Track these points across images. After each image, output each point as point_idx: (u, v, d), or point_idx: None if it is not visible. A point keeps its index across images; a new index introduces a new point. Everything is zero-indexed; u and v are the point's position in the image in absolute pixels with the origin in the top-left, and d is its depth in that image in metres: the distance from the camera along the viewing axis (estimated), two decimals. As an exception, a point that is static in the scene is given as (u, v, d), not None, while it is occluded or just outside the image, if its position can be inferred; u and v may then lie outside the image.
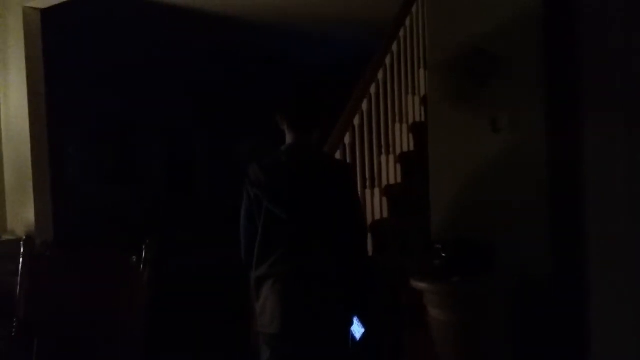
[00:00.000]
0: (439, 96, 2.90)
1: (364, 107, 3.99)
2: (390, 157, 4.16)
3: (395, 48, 4.23)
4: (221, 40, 6.53)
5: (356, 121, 3.92)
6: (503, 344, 2.48)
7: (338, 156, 3.75)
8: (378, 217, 3.95)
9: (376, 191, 4.00)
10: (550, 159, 2.61)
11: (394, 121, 4.25)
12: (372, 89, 4.07)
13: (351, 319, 2.34)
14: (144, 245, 2.51)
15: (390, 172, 4.13)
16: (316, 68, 6.09)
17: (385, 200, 4.01)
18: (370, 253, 3.46)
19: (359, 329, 2.33)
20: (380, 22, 4.52)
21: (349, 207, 2.36)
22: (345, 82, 4.10)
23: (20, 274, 2.55)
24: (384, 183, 4.09)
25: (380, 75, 4.14)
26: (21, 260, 2.56)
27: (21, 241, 2.62)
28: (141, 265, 2.44)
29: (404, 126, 4.31)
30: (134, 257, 2.46)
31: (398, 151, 4.22)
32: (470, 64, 2.74)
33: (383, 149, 4.14)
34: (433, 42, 2.98)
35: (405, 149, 4.26)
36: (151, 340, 2.50)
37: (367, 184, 3.97)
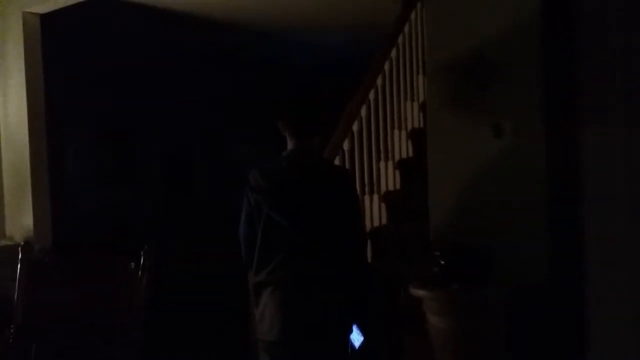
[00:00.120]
0: (438, 102, 2.90)
1: (363, 113, 3.99)
2: (389, 164, 4.15)
3: (394, 54, 4.24)
4: (220, 44, 6.55)
5: (355, 127, 3.92)
6: (503, 350, 2.47)
7: (337, 162, 3.74)
8: (377, 224, 3.94)
9: (375, 197, 3.99)
10: (549, 164, 2.61)
11: (392, 127, 4.25)
12: (371, 95, 4.06)
13: (351, 327, 2.33)
14: (142, 252, 2.51)
15: (389, 179, 4.13)
16: (316, 72, 6.09)
17: (384, 206, 4.01)
18: (369, 259, 3.45)
19: (358, 337, 2.32)
20: (379, 27, 4.52)
21: (349, 214, 2.35)
22: (344, 87, 4.10)
23: (18, 280, 2.55)
24: (383, 189, 4.08)
25: (379, 81, 4.13)
26: (19, 266, 2.56)
27: (19, 247, 2.62)
28: (139, 271, 2.44)
29: (403, 132, 4.31)
30: (132, 264, 2.45)
31: (397, 157, 4.22)
32: (470, 69, 2.74)
33: (382, 155, 4.14)
34: (432, 48, 2.98)
35: (404, 155, 4.26)
36: (150, 345, 2.50)
37: (366, 190, 3.96)
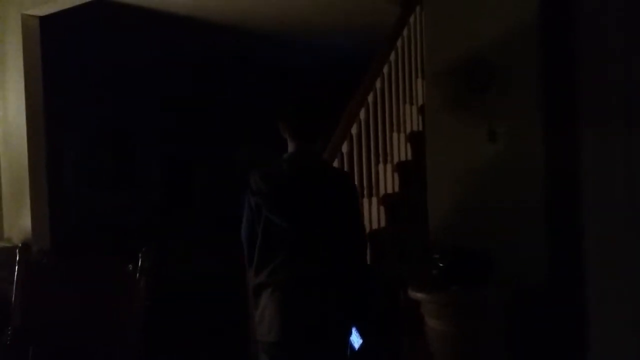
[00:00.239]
0: (437, 105, 2.90)
1: (362, 116, 3.99)
2: (388, 166, 4.16)
3: (393, 57, 4.24)
4: (220, 48, 6.55)
5: (354, 130, 3.92)
6: (503, 350, 2.47)
7: (336, 165, 3.75)
8: (376, 226, 3.94)
9: (374, 200, 4.00)
10: (549, 165, 2.61)
11: (391, 130, 4.26)
12: (370, 98, 4.07)
13: (350, 328, 2.33)
14: (140, 254, 2.50)
15: (388, 181, 4.13)
16: (316, 74, 6.11)
17: (382, 209, 4.01)
18: (369, 262, 3.45)
19: (357, 340, 2.32)
20: (379, 30, 4.53)
21: (349, 216, 2.35)
22: (344, 90, 4.10)
23: (16, 282, 2.54)
24: (382, 192, 4.08)
25: (378, 84, 4.14)
26: (17, 267, 2.55)
27: (17, 249, 2.61)
28: (137, 274, 2.43)
29: (402, 135, 4.31)
30: (130, 266, 2.44)
31: (396, 160, 4.22)
32: (469, 72, 2.74)
33: (381, 158, 4.14)
34: (431, 52, 2.98)
35: (402, 158, 4.26)
36: (148, 348, 2.49)
37: (365, 192, 3.97)
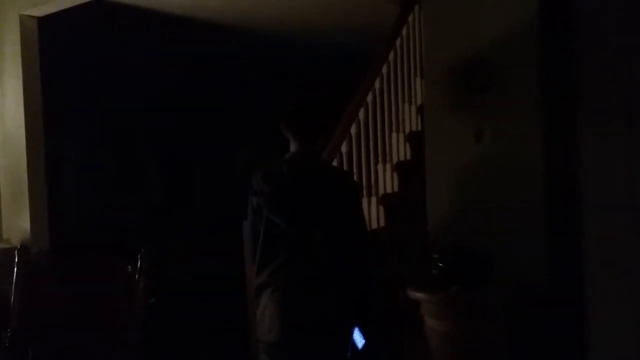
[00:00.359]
0: (436, 105, 2.90)
1: (361, 116, 3.99)
2: (387, 166, 4.16)
3: (392, 57, 4.24)
4: (220, 48, 6.54)
5: (353, 130, 3.93)
6: (503, 351, 2.46)
7: (335, 165, 3.75)
8: (375, 226, 3.94)
9: (373, 200, 4.00)
10: (549, 165, 2.61)
11: (390, 130, 4.26)
12: (369, 98, 4.07)
13: (350, 328, 2.32)
14: (139, 255, 2.50)
15: (387, 181, 4.13)
16: (316, 75, 6.10)
17: (382, 208, 4.01)
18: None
19: (360, 339, 2.31)
20: (379, 30, 4.53)
21: (350, 216, 2.35)
22: (344, 90, 4.10)
23: (14, 283, 2.53)
24: (381, 192, 4.08)
25: (377, 84, 4.14)
26: (16, 269, 2.54)
27: (16, 250, 2.60)
28: (137, 274, 2.43)
29: (401, 135, 4.31)
30: (129, 267, 2.44)
31: (395, 160, 4.23)
32: (468, 72, 2.74)
33: (380, 158, 4.14)
34: (430, 51, 2.98)
35: (402, 158, 4.26)
36: (148, 348, 2.49)
37: (364, 192, 3.97)
